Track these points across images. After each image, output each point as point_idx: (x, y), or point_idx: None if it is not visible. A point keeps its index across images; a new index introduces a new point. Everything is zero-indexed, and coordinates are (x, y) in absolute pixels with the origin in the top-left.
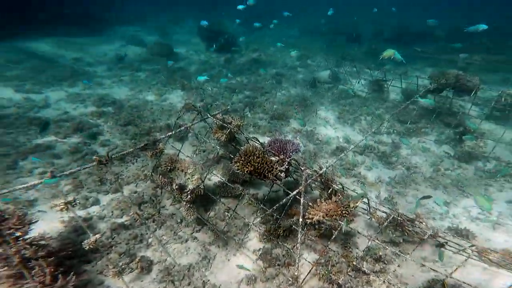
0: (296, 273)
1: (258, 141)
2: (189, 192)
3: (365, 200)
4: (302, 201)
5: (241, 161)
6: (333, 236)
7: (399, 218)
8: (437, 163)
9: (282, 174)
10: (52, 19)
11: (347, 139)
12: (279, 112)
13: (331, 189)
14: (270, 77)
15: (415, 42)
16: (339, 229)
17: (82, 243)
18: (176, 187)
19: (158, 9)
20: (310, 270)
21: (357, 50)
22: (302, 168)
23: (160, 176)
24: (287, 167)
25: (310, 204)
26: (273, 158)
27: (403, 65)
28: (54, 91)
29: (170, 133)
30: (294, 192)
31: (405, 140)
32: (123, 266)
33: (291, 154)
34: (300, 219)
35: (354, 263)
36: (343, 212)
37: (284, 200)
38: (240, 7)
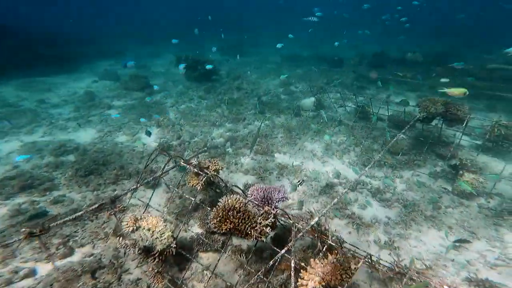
0: None
1: (239, 188)
2: (157, 255)
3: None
4: (292, 264)
5: (218, 218)
6: None
7: (407, 274)
8: (436, 200)
9: (268, 229)
10: (20, 61)
11: (337, 174)
12: (263, 146)
13: (325, 246)
14: (252, 106)
15: (395, 67)
16: None
17: None
18: (140, 251)
19: (139, 42)
20: None
21: (340, 75)
22: (291, 222)
23: (120, 238)
24: (273, 220)
25: (303, 264)
26: (256, 211)
27: (385, 90)
28: (8, 141)
29: (134, 186)
30: (282, 251)
31: (388, 181)
32: None
33: (277, 204)
34: None
35: None
36: (343, 276)
37: (271, 262)
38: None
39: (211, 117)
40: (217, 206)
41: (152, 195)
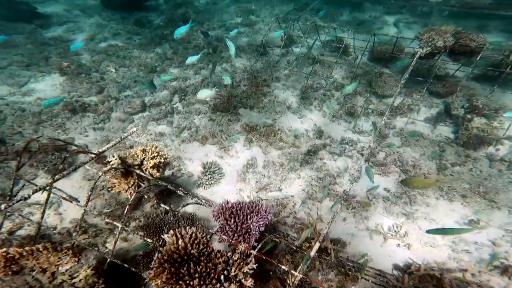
0: None
1: (200, 200)
2: None
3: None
4: None
5: (164, 278)
6: None
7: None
8: (439, 156)
9: (249, 282)
10: None
11: (319, 132)
12: (224, 100)
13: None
14: (205, 43)
15: None
16: None
17: None
18: None
19: None
20: None
21: None
22: (283, 267)
23: None
24: (255, 267)
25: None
26: (225, 248)
27: (361, 14)
28: None
29: None
30: None
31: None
32: None
33: (257, 232)
34: None
35: None
36: None
37: None
38: None
39: (148, 59)
40: (159, 255)
41: (43, 214)
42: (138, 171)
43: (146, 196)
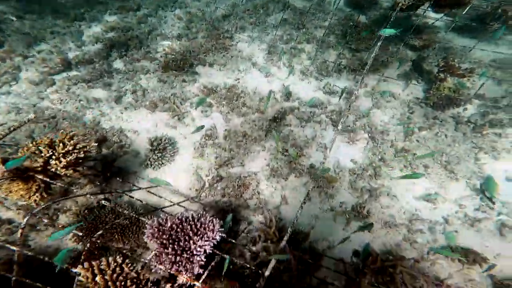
0: None
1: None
2: None
3: None
4: None
5: None
6: None
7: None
8: (408, 119)
9: None
10: None
11: (288, 93)
12: (177, 57)
13: None
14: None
15: None
16: None
17: None
18: None
19: None
20: None
21: None
22: None
23: None
24: None
25: None
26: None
27: None
28: None
29: None
30: None
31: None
32: None
33: (203, 258)
34: None
35: None
36: None
37: None
38: None
39: (69, 3)
40: None
41: None
42: (40, 176)
43: (76, 186)
